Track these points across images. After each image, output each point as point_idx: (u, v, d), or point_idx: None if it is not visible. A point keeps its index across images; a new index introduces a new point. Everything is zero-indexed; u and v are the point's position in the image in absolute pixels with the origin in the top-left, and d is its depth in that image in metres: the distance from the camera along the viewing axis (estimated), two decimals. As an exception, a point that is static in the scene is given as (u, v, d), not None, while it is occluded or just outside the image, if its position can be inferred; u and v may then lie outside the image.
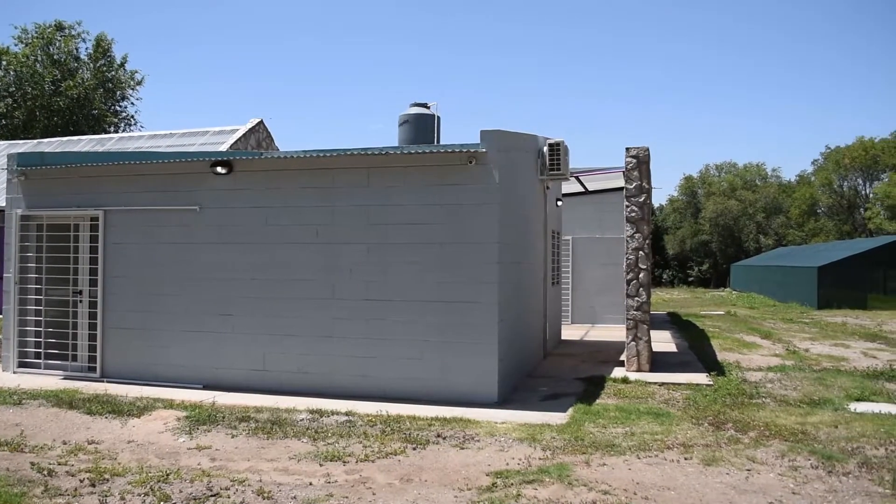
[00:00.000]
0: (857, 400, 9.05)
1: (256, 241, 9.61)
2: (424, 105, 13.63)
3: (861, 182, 60.87)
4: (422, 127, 13.26)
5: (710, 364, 12.03)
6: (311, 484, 5.74)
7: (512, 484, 5.66)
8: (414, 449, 6.68)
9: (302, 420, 7.77)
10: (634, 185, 11.18)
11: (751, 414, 8.18)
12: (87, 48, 39.15)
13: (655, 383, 10.04)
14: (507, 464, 6.24)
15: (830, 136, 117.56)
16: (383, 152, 8.91)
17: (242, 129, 20.96)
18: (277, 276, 9.51)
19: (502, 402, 8.75)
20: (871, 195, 59.12)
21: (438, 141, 13.06)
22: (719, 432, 7.35)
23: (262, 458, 6.49)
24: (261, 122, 21.88)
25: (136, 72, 40.65)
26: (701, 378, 10.43)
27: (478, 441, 6.96)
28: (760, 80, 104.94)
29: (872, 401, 9.01)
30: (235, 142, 20.06)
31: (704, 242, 64.05)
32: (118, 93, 40.21)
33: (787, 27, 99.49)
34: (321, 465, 6.22)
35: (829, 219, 60.84)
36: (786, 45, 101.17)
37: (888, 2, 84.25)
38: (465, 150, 8.69)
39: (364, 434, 7.17)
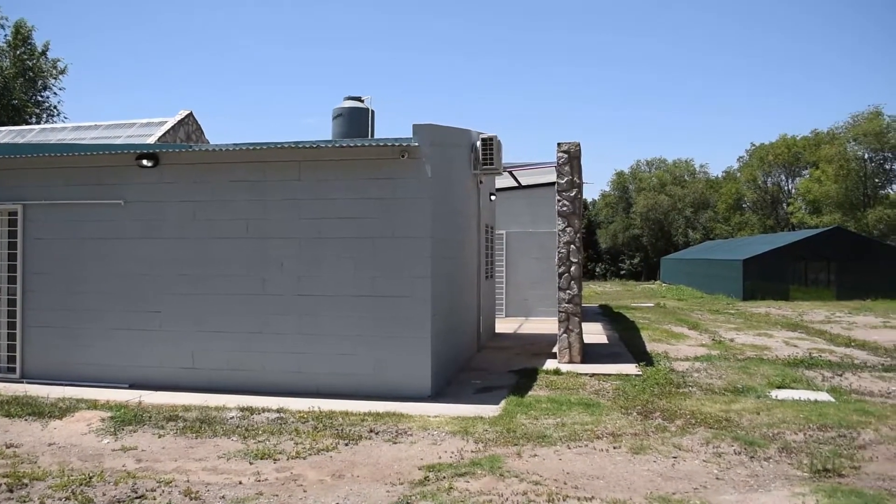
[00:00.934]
0: (779, 387, 9.36)
1: (184, 236, 9.39)
2: (358, 99, 13.52)
3: (784, 178, 63.17)
4: (356, 120, 13.15)
5: (640, 355, 12.30)
6: (240, 483, 5.64)
7: (444, 477, 5.67)
8: (346, 445, 6.63)
9: (232, 418, 7.63)
10: (566, 179, 11.32)
11: (678, 403, 8.39)
12: (5, 35, 37.51)
13: (586, 374, 10.21)
14: (440, 457, 6.25)
15: (755, 134, 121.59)
16: (315, 146, 8.81)
17: (171, 122, 20.40)
18: (206, 272, 9.32)
19: (436, 395, 8.76)
20: (793, 191, 61.37)
21: (373, 135, 12.99)
22: (647, 421, 7.52)
23: (191, 457, 6.34)
24: (190, 115, 21.34)
25: (59, 60, 39.12)
26: (630, 368, 10.65)
27: (411, 435, 6.96)
28: (689, 77, 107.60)
29: (792, 388, 9.33)
30: (164, 134, 19.52)
31: (635, 236, 65.46)
32: (40, 82, 38.62)
33: (712, 27, 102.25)
34: (251, 464, 6.12)
35: (754, 213, 62.93)
36: (712, 44, 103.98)
37: (807, 5, 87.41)
38: (397, 144, 8.65)
39: (296, 431, 7.08)
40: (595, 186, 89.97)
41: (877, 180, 52.53)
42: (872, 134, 50.08)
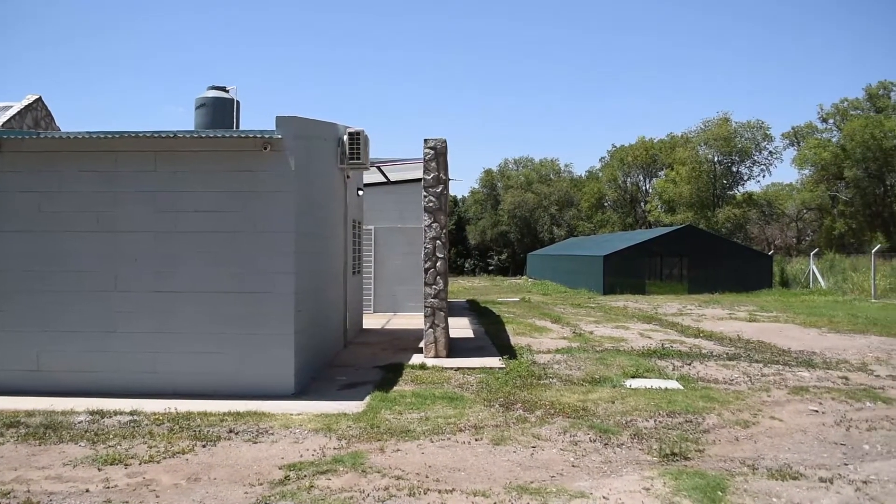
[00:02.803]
0: (633, 377, 9.81)
1: (29, 229, 8.78)
2: (223, 88, 13.11)
3: (642, 178, 66.44)
4: (220, 111, 12.75)
5: (504, 348, 12.57)
6: (87, 491, 5.34)
7: (305, 476, 5.59)
8: (204, 446, 6.41)
9: (80, 422, 7.21)
10: (432, 175, 11.40)
11: (538, 394, 8.64)
12: None
13: (452, 368, 10.34)
14: (302, 455, 6.15)
15: (616, 136, 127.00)
16: (173, 135, 8.46)
17: (17, 107, 19.07)
18: (53, 268, 8.75)
19: (300, 393, 8.63)
20: (650, 190, 64.62)
21: (238, 126, 12.64)
22: (509, 413, 7.70)
23: (33, 466, 5.94)
24: (39, 100, 20.02)
25: None
26: (494, 362, 10.87)
27: (272, 434, 6.81)
28: (553, 80, 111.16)
29: (645, 377, 9.81)
30: (8, 120, 18.21)
31: (503, 233, 66.93)
32: None
33: (573, 31, 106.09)
34: (100, 470, 5.80)
35: (615, 211, 65.81)
36: (579, 46, 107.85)
37: (665, 12, 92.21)
38: (260, 137, 8.44)
39: (150, 434, 6.78)
40: (464, 184, 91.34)
41: (725, 182, 56.21)
42: (722, 138, 53.60)
